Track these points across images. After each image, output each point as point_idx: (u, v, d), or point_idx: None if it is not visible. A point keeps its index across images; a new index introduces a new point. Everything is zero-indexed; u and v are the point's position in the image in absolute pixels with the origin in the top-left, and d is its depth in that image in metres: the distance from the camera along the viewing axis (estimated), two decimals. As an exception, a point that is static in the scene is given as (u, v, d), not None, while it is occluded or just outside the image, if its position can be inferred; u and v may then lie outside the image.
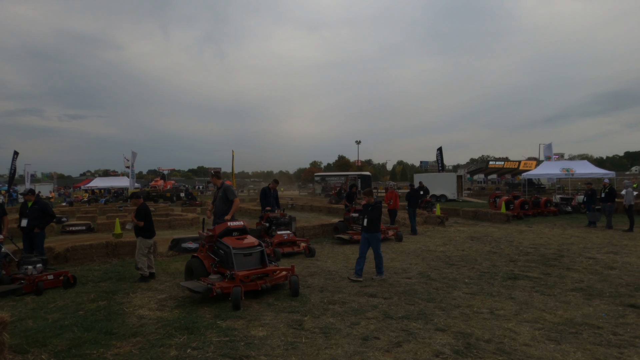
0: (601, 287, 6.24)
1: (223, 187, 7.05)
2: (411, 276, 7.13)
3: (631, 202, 12.71)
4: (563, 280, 6.70)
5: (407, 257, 8.95)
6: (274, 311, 5.29)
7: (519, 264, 8.04)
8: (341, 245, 10.75)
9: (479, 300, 5.66)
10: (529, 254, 9.11)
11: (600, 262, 8.13)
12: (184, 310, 5.38)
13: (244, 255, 5.94)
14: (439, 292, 6.06)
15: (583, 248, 9.88)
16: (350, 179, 34.35)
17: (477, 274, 7.22)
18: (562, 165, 29.05)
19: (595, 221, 13.78)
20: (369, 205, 7.12)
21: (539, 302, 5.56)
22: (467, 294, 5.98)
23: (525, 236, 12.01)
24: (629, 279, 6.72)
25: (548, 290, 6.15)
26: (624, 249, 9.69)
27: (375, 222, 6.98)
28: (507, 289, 6.25)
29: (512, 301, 5.59)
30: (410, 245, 10.57)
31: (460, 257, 8.90)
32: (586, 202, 14.59)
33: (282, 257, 8.96)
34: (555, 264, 7.98)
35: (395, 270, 7.67)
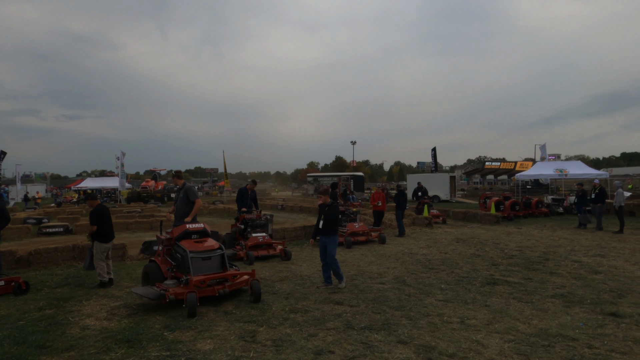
0: (583, 294, 5.90)
1: (184, 187, 6.69)
2: (385, 281, 6.77)
3: (621, 203, 12.39)
4: (544, 286, 6.36)
5: (386, 261, 8.59)
6: (229, 320, 4.92)
7: (501, 268, 7.70)
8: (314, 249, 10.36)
9: (451, 308, 5.31)
10: (513, 257, 8.78)
11: (585, 266, 7.80)
12: (133, 320, 5.00)
13: (202, 259, 5.58)
14: (410, 299, 5.70)
15: (570, 251, 9.55)
16: (343, 180, 34.04)
17: (455, 279, 6.87)
18: (556, 166, 28.78)
19: (585, 223, 13.46)
20: (325, 205, 6.59)
21: (514, 310, 5.21)
22: (440, 301, 5.63)
23: (512, 238, 11.68)
24: (613, 284, 6.38)
25: (526, 296, 5.81)
26: (611, 251, 9.36)
27: (332, 224, 6.47)
28: (484, 295, 5.90)
29: (486, 309, 5.24)
30: (392, 248, 10.22)
31: (441, 260, 8.56)
32: (576, 203, 14.27)
33: (257, 261, 8.61)
34: (539, 268, 7.64)
35: (370, 274, 7.31)
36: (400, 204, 13.21)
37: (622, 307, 5.23)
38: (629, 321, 4.73)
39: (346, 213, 11.58)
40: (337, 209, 6.56)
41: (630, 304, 5.36)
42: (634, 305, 5.30)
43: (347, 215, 11.52)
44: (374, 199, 13.29)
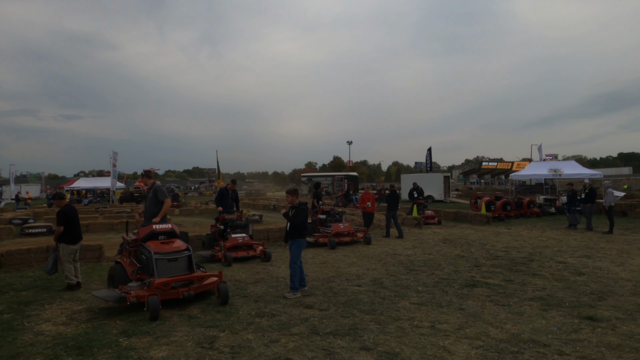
0: (562, 296, 5.72)
1: (153, 187, 6.48)
2: (362, 284, 6.58)
3: (611, 203, 12.24)
4: (524, 288, 6.18)
5: (367, 262, 8.40)
6: (191, 325, 4.72)
7: (483, 269, 7.52)
8: (305, 249, 10.17)
9: (424, 311, 5.12)
10: (498, 258, 8.60)
11: (569, 267, 7.62)
12: (92, 325, 4.80)
13: (168, 261, 5.38)
14: (384, 302, 5.51)
15: (557, 251, 9.38)
16: (337, 180, 33.86)
17: (435, 281, 6.69)
18: (550, 166, 28.67)
19: (575, 223, 13.30)
20: (293, 207, 6.25)
21: (489, 313, 5.03)
22: (414, 304, 5.44)
23: (500, 239, 11.51)
24: (595, 287, 6.20)
25: (504, 299, 5.62)
26: (598, 252, 9.19)
27: (300, 227, 6.07)
28: (461, 298, 5.72)
29: (460, 313, 5.05)
30: (377, 249, 10.03)
31: (424, 261, 8.37)
32: (567, 203, 14.11)
33: (236, 262, 8.41)
34: (522, 270, 7.46)
35: (348, 276, 7.11)
36: (391, 205, 12.93)
37: (601, 311, 5.05)
38: (606, 325, 4.56)
39: (331, 213, 11.39)
40: (303, 213, 6.14)
41: (610, 307, 5.18)
42: (612, 309, 5.12)
43: (332, 215, 11.33)
44: (362, 200, 12.95)
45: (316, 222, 11.33)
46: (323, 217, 11.29)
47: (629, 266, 7.66)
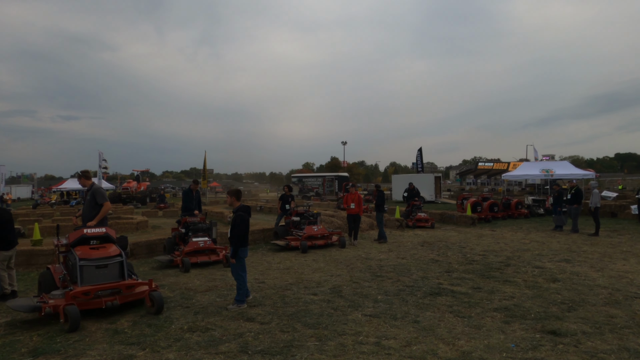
0: (530, 306, 5.27)
1: (92, 189, 6.02)
2: (320, 292, 6.12)
3: (597, 204, 11.81)
4: (491, 297, 5.74)
5: (334, 267, 7.94)
6: (113, 342, 4.26)
7: (454, 276, 7.07)
8: (275, 253, 9.73)
9: (374, 324, 4.67)
10: (473, 263, 8.16)
11: (546, 273, 7.19)
12: (5, 341, 4.33)
13: (96, 267, 4.92)
14: (334, 314, 5.06)
15: (537, 255, 8.94)
16: (327, 180, 33.43)
17: (398, 289, 6.23)
18: (543, 166, 28.28)
19: (561, 224, 12.87)
20: (234, 210, 5.70)
21: (445, 327, 4.58)
22: (366, 316, 4.99)
23: (482, 241, 11.07)
24: (568, 295, 5.77)
25: (467, 310, 5.18)
26: (580, 256, 8.76)
27: (234, 235, 5.50)
28: (420, 308, 5.27)
29: (413, 326, 4.60)
30: (349, 253, 9.58)
31: (393, 266, 7.92)
32: (552, 204, 13.69)
33: (196, 267, 7.95)
34: (494, 275, 7.02)
35: (308, 284, 6.65)
36: (380, 206, 12.29)
37: (567, 323, 4.61)
38: (569, 341, 4.11)
39: (305, 215, 10.94)
40: (237, 220, 5.53)
41: (578, 319, 4.74)
42: (580, 321, 4.68)
43: (306, 217, 10.88)
44: (346, 201, 11.57)
45: (289, 224, 10.88)
46: (297, 219, 10.84)
47: (608, 272, 7.23)
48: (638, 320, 4.72)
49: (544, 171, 27.11)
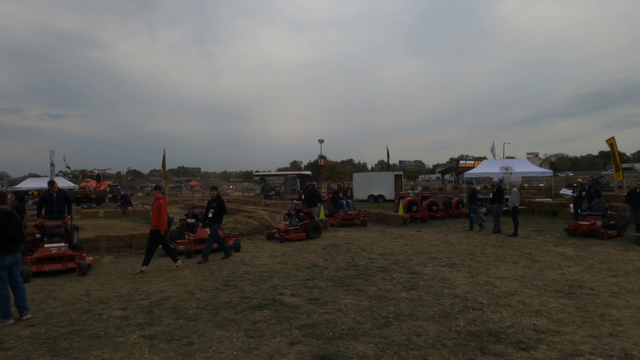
0: (343, 322, 4.65)
1: None
2: (131, 306, 5.44)
3: (515, 203, 11.31)
4: (317, 310, 5.12)
5: (192, 274, 7.26)
6: None
7: (310, 284, 6.45)
8: (161, 258, 9.02)
9: (135, 348, 4.01)
10: (352, 268, 7.56)
11: (413, 279, 6.61)
12: None
13: None
14: (109, 335, 4.39)
15: (429, 258, 8.39)
16: (289, 179, 32.77)
17: (225, 301, 5.58)
18: (502, 164, 27.89)
19: (480, 223, 12.38)
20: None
21: (217, 349, 3.94)
22: (142, 337, 4.32)
23: (393, 243, 10.50)
24: (403, 307, 5.17)
25: (270, 327, 4.54)
26: (472, 259, 8.22)
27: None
28: (219, 326, 4.61)
29: (178, 350, 3.96)
30: (235, 258, 8.90)
31: (260, 273, 7.28)
32: (467, 202, 13.22)
33: (45, 276, 7.23)
34: (353, 283, 6.42)
35: (136, 296, 5.97)
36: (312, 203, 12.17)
37: (357, 344, 4.00)
38: (327, 370, 3.50)
39: (199, 218, 10.26)
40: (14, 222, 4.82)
41: (375, 338, 4.12)
42: (377, 341, 4.06)
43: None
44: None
45: (183, 226, 10.19)
46: (192, 221, 10.16)
47: (480, 278, 6.68)
48: (445, 337, 4.13)
49: (504, 169, 26.78)
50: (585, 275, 6.74)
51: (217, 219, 8.78)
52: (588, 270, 7.14)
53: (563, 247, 9.54)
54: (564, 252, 8.90)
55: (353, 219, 14.61)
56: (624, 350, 3.79)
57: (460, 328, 4.43)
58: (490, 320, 4.66)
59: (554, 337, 4.14)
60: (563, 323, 4.55)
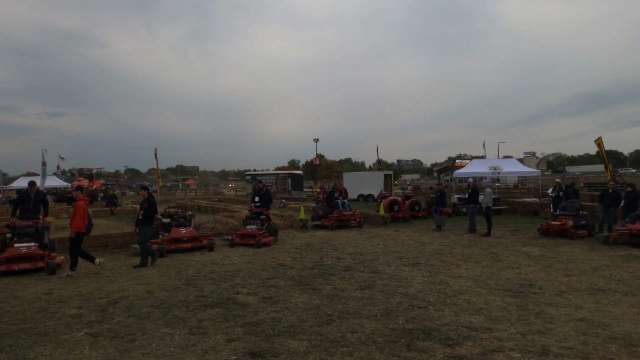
0: (287, 320, 4.80)
1: None
2: (87, 305, 5.57)
3: (488, 203, 11.46)
4: (266, 308, 5.25)
5: (158, 273, 7.39)
6: None
7: (269, 283, 6.59)
8: (133, 258, 9.15)
9: (75, 347, 4.15)
10: (318, 267, 7.71)
11: (371, 279, 6.75)
12: None
13: None
14: (55, 332, 4.53)
15: (395, 258, 8.54)
16: (280, 178, 32.89)
17: (181, 300, 5.71)
18: (491, 164, 28.07)
19: (440, 224, 12.58)
20: None
21: (154, 345, 4.08)
22: (90, 334, 4.45)
23: (366, 243, 10.65)
24: (351, 305, 5.31)
25: (216, 325, 4.68)
26: (438, 259, 8.37)
27: None
28: (167, 324, 4.75)
29: (118, 347, 4.10)
30: (206, 257, 9.04)
31: (224, 272, 7.42)
32: (434, 204, 13.36)
33: (13, 275, 7.36)
34: (312, 283, 6.56)
35: (91, 295, 6.10)
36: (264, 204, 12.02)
37: (293, 341, 4.14)
38: (253, 366, 3.64)
39: (175, 217, 10.40)
40: None
41: (311, 336, 4.26)
42: (313, 338, 4.21)
43: (175, 219, 10.33)
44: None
45: (158, 226, 10.32)
46: (167, 220, 10.29)
47: (438, 277, 6.83)
48: (379, 334, 4.28)
49: (492, 168, 26.95)
50: (540, 275, 6.90)
51: (146, 221, 8.27)
52: (545, 269, 7.30)
53: (531, 246, 9.70)
54: (530, 251, 9.06)
55: (348, 220, 13.76)
56: (544, 346, 3.94)
57: (398, 326, 4.58)
58: (429, 318, 4.81)
59: (484, 334, 4.29)
60: (499, 321, 4.70)
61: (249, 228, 10.57)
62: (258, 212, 11.13)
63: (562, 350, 3.87)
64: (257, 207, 11.21)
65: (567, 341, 4.07)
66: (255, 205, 11.25)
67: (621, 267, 7.42)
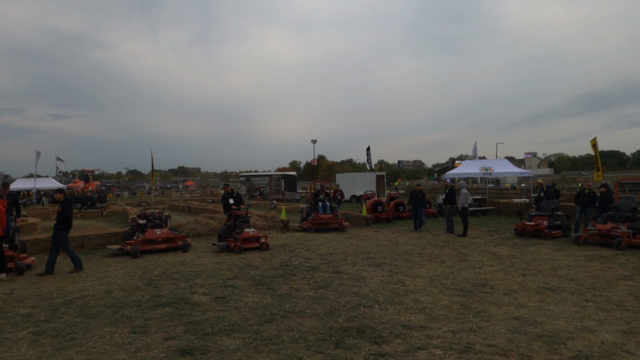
0: (215, 322, 4.89)
1: None
2: (40, 305, 5.69)
3: (464, 204, 11.52)
4: (212, 307, 5.35)
5: (124, 273, 7.50)
6: None
7: (228, 283, 6.68)
8: (111, 257, 9.27)
9: (16, 345, 4.26)
10: (284, 267, 7.79)
11: (330, 279, 6.83)
12: None
13: None
14: (1, 331, 4.64)
15: (363, 258, 8.62)
16: (274, 179, 32.99)
17: (135, 299, 5.81)
18: (482, 164, 28.08)
19: (418, 225, 12.65)
20: None
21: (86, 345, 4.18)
22: (32, 333, 4.57)
23: (338, 244, 10.71)
24: (292, 307, 5.39)
25: (161, 323, 4.78)
26: (405, 260, 8.44)
27: None
28: (113, 324, 4.85)
29: (50, 348, 4.20)
30: (176, 258, 9.14)
31: (188, 273, 7.50)
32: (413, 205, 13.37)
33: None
34: (270, 282, 6.64)
35: (50, 295, 6.20)
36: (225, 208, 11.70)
37: (211, 345, 4.23)
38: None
39: (150, 219, 10.51)
40: None
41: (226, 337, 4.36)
42: (226, 339, 4.30)
43: (151, 220, 10.44)
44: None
45: (134, 227, 10.44)
46: (142, 221, 10.40)
47: (396, 277, 6.90)
48: (314, 332, 4.35)
49: (484, 169, 26.97)
50: (498, 275, 6.96)
51: (60, 225, 7.77)
52: (505, 269, 7.36)
53: (502, 247, 9.76)
54: (499, 252, 9.12)
55: (328, 223, 13.17)
56: (468, 344, 4.01)
57: (336, 324, 4.66)
58: (370, 317, 4.89)
59: (416, 333, 4.36)
60: (437, 319, 4.77)
61: (250, 231, 10.11)
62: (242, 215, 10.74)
63: (484, 347, 3.94)
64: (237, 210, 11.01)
65: (494, 339, 4.15)
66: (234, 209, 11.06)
67: (582, 266, 7.47)
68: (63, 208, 7.88)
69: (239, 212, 10.82)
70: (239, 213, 10.87)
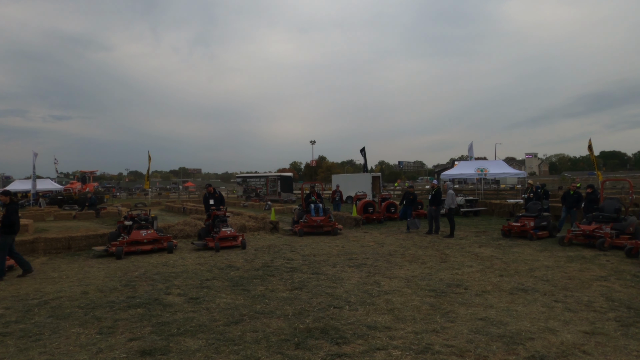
0: (183, 323, 4.92)
1: None
2: (14, 306, 5.73)
3: (451, 205, 11.54)
4: (186, 308, 5.38)
5: (105, 277, 7.54)
6: None
7: (205, 284, 6.70)
8: (102, 257, 9.31)
9: (-21, 344, 4.29)
10: (265, 268, 7.82)
11: (308, 280, 6.85)
12: None
13: None
14: (-31, 332, 4.68)
15: (345, 259, 8.64)
16: (270, 180, 33.03)
17: (108, 300, 5.85)
18: (477, 165, 28.08)
19: (409, 227, 12.65)
20: None
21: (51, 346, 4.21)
22: (1, 335, 4.61)
23: (324, 245, 10.72)
24: (264, 307, 5.42)
25: (128, 324, 4.81)
26: (385, 260, 8.46)
27: None
28: (81, 324, 4.88)
29: (14, 349, 4.23)
30: (158, 259, 9.17)
31: (168, 274, 7.54)
32: (404, 207, 13.40)
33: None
34: (247, 283, 6.68)
35: (27, 296, 6.25)
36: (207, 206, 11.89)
37: (174, 345, 4.26)
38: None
39: (136, 220, 10.55)
40: None
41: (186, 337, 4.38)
42: (184, 339, 4.33)
43: (137, 221, 10.48)
44: None
45: (120, 228, 10.49)
46: (128, 223, 10.44)
47: (374, 278, 6.92)
48: (278, 333, 4.37)
49: (479, 170, 26.98)
50: (475, 275, 6.97)
51: (4, 230, 7.46)
52: (484, 270, 7.37)
53: (486, 247, 9.77)
54: (481, 252, 9.13)
55: (320, 226, 12.60)
56: (427, 345, 4.03)
57: (303, 325, 4.68)
58: (338, 318, 4.90)
59: (380, 333, 4.38)
60: (403, 320, 4.79)
61: (227, 230, 10.43)
62: (221, 215, 11.12)
63: (443, 348, 3.96)
64: (217, 210, 11.19)
65: (455, 340, 4.16)
66: (214, 209, 11.24)
67: (560, 267, 7.48)
68: (7, 212, 7.47)
69: (217, 212, 11.02)
70: (218, 213, 11.05)
